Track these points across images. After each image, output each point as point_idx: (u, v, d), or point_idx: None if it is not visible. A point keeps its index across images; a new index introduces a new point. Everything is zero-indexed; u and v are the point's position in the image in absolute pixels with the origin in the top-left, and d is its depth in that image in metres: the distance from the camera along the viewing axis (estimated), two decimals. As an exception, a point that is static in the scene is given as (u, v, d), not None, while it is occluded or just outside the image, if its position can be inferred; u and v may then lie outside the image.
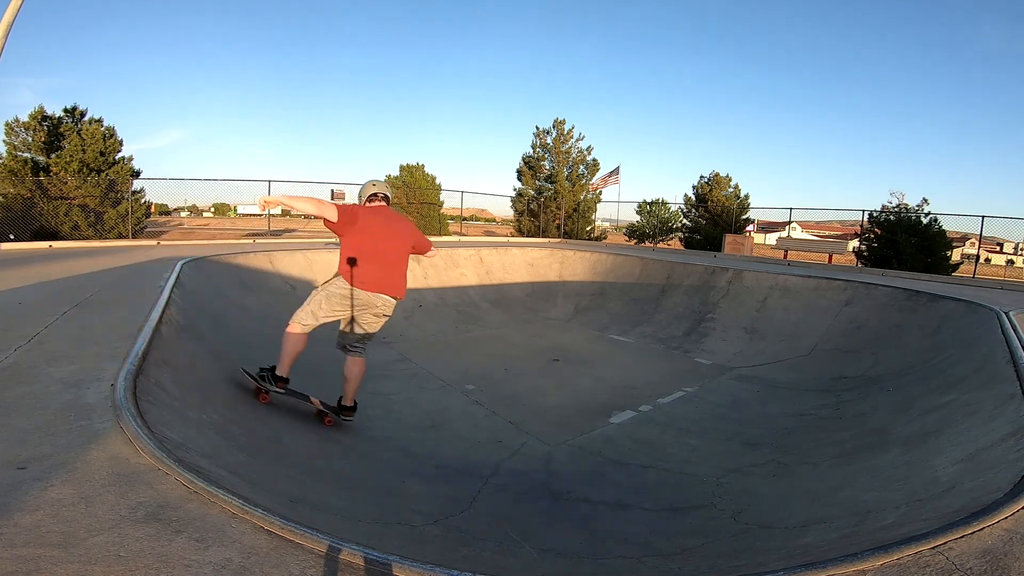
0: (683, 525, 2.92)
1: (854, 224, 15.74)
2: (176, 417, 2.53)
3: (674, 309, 8.86)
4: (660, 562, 2.48)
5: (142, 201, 14.33)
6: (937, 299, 6.32)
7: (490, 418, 4.60)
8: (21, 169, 12.75)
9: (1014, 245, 35.68)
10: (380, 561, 1.50)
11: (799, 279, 8.13)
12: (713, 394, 5.49)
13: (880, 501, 2.48)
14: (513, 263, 11.33)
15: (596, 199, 20.68)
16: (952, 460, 2.65)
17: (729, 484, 3.42)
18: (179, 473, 1.79)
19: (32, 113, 13.37)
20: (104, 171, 13.44)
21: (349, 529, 2.22)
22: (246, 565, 1.38)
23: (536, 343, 7.51)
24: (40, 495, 1.61)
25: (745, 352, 7.00)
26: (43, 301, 4.21)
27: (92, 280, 5.33)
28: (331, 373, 4.08)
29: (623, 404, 5.05)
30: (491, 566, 2.29)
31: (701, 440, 4.27)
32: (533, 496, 3.29)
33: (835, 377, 5.59)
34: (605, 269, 10.91)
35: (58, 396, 2.36)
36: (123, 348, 2.99)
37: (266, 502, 1.82)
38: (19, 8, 5.89)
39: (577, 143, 20.49)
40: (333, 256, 8.99)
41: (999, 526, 1.71)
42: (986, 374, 3.75)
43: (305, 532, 1.56)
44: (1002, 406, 3.04)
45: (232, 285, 6.89)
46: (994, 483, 2.11)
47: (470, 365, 6.21)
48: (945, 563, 1.54)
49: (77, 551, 1.36)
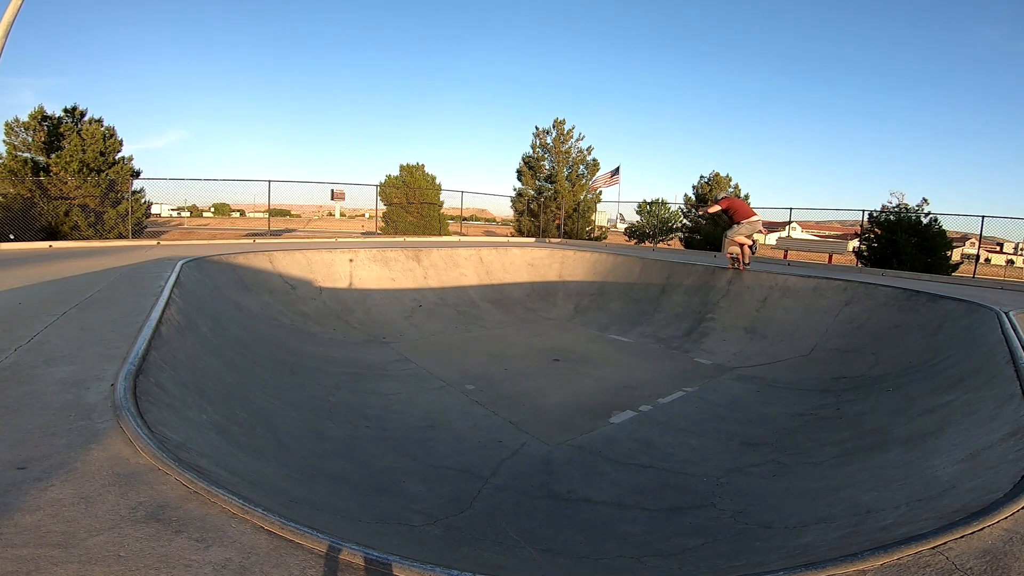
0: (683, 525, 2.92)
1: (854, 224, 15.73)
2: (176, 417, 2.53)
3: (674, 309, 8.86)
4: (660, 562, 2.48)
5: (142, 201, 14.33)
6: (937, 299, 6.32)
7: (490, 418, 4.60)
8: (21, 169, 12.75)
9: (1014, 245, 35.67)
10: (380, 561, 1.50)
11: (799, 279, 8.13)
12: (713, 394, 5.49)
13: (880, 501, 2.49)
14: (513, 263, 11.33)
15: (596, 199, 20.68)
16: (952, 460, 2.65)
17: (729, 484, 3.42)
18: (179, 473, 1.79)
19: (32, 113, 13.38)
20: (104, 171, 13.44)
21: (349, 529, 2.22)
22: (246, 565, 1.38)
23: (536, 343, 7.51)
24: (40, 495, 1.61)
25: (745, 352, 7.00)
26: (43, 301, 4.21)
27: (92, 280, 5.33)
28: (333, 373, 4.04)
29: (623, 404, 5.05)
30: (491, 566, 2.29)
31: (701, 440, 4.27)
32: (533, 496, 3.29)
33: (835, 377, 5.58)
34: (605, 269, 10.91)
35: (58, 396, 2.36)
36: (123, 348, 3.00)
37: (266, 502, 1.82)
38: (19, 8, 5.89)
39: (577, 143, 20.50)
40: (333, 256, 9.03)
41: (999, 526, 1.71)
42: (986, 374, 3.75)
43: (305, 532, 1.56)
44: (1002, 406, 3.04)
45: (232, 285, 6.90)
46: (994, 483, 2.11)
47: (470, 365, 6.21)
48: (945, 563, 1.54)
49: (77, 551, 1.36)
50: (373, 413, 4.43)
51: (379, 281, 9.10)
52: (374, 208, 17.59)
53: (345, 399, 4.61)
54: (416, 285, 9.45)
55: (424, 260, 10.10)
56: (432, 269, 10.03)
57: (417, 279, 9.62)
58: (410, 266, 9.78)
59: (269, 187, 13.62)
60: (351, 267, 9.06)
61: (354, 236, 17.21)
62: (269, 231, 15.43)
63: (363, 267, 9.20)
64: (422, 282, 9.61)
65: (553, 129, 20.46)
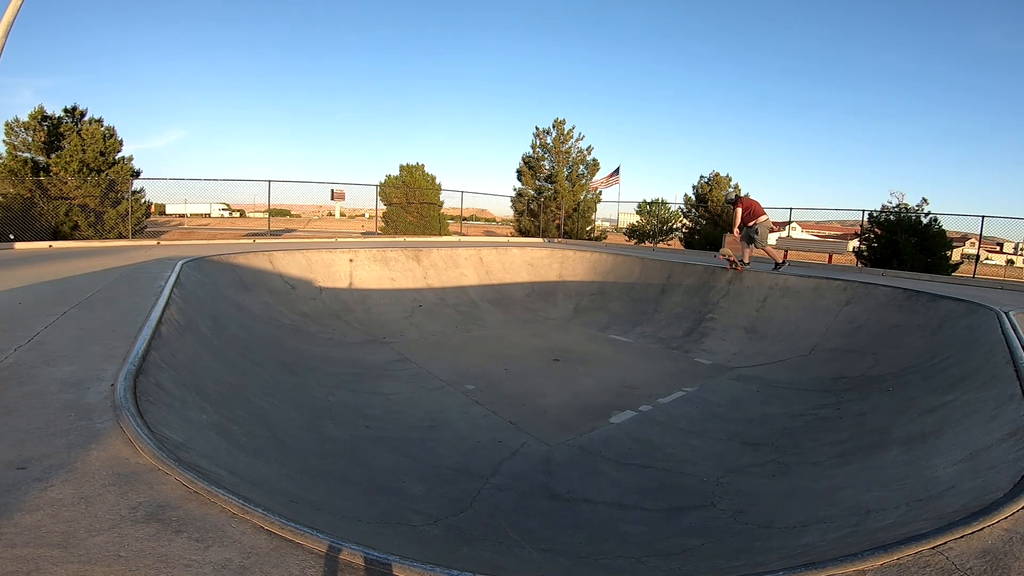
0: (683, 525, 2.92)
1: (854, 224, 15.73)
2: (176, 417, 2.53)
3: (674, 309, 8.86)
4: (660, 562, 2.48)
5: (142, 201, 14.32)
6: (937, 299, 6.32)
7: (490, 418, 4.60)
8: (21, 169, 12.74)
9: (1014, 245, 35.66)
10: (380, 561, 1.50)
11: (799, 279, 8.13)
12: (713, 394, 5.49)
13: (880, 501, 2.49)
14: (513, 263, 11.33)
15: (596, 199, 20.68)
16: (952, 460, 2.65)
17: (729, 484, 3.42)
18: (179, 473, 1.79)
19: (32, 113, 13.35)
20: (104, 171, 13.43)
21: (349, 529, 2.22)
22: (246, 565, 1.38)
23: (536, 343, 7.51)
24: (40, 495, 1.61)
25: (745, 352, 7.00)
26: (43, 301, 4.21)
27: (92, 280, 5.33)
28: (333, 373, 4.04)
29: (623, 404, 5.05)
30: (491, 566, 2.29)
31: (701, 440, 4.27)
32: (533, 496, 3.29)
33: (835, 377, 5.58)
34: (605, 269, 10.91)
35: (58, 396, 2.36)
36: (123, 348, 3.00)
37: (266, 502, 1.82)
38: (19, 8, 5.89)
39: (577, 143, 20.48)
40: (333, 256, 9.03)
41: (999, 526, 1.71)
42: (986, 374, 3.75)
43: (305, 532, 1.56)
44: (1002, 406, 3.04)
45: (232, 285, 6.89)
46: (994, 483, 2.11)
47: (470, 365, 6.21)
48: (945, 563, 1.54)
49: (77, 551, 1.36)
50: (373, 413, 4.43)
51: (379, 281, 9.10)
52: (374, 208, 17.58)
53: (345, 399, 4.61)
54: (416, 285, 9.45)
55: (424, 260, 10.10)
56: (432, 269, 10.03)
57: (417, 279, 9.62)
58: (410, 266, 9.79)
59: (269, 187, 13.62)
60: (351, 267, 9.06)
61: (354, 236, 17.20)
62: (269, 231, 15.43)
63: (363, 267, 9.20)
64: (422, 282, 9.61)
65: (553, 129, 20.45)
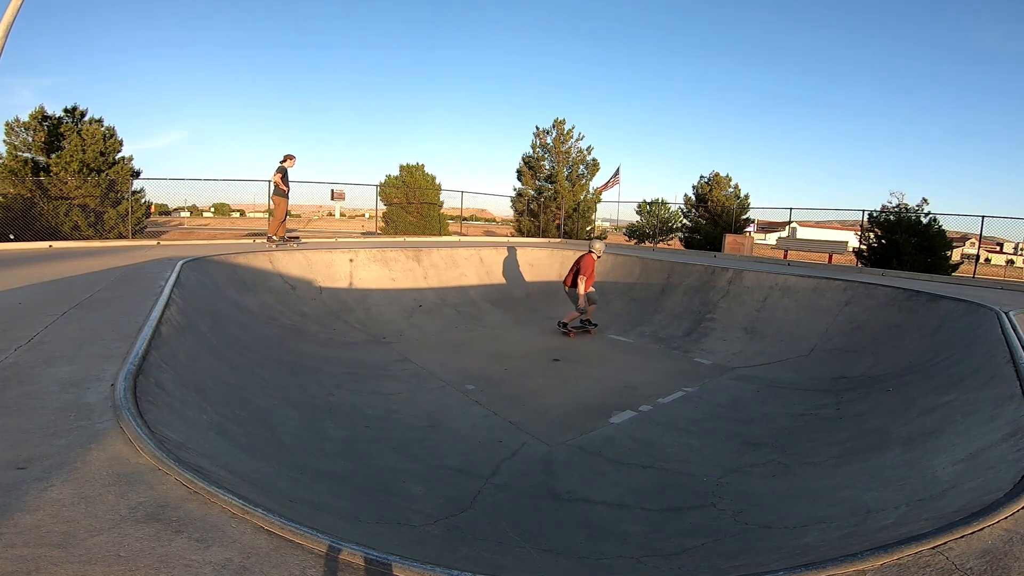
0: (683, 525, 2.92)
1: (854, 224, 15.74)
2: (176, 417, 2.53)
3: (674, 309, 8.86)
4: (660, 562, 2.48)
5: (142, 201, 14.32)
6: (937, 299, 6.32)
7: (490, 418, 4.60)
8: (21, 169, 12.74)
9: (1014, 245, 35.68)
10: (380, 561, 1.50)
11: (799, 279, 8.13)
12: (713, 394, 5.48)
13: (880, 501, 2.48)
14: (513, 263, 11.33)
15: (596, 199, 20.68)
16: (952, 460, 2.65)
17: (729, 484, 3.42)
18: (179, 473, 1.79)
19: (32, 113, 13.35)
20: (104, 171, 13.43)
21: (349, 529, 2.22)
22: (246, 565, 1.38)
23: (536, 343, 7.51)
24: (40, 495, 1.61)
25: (745, 352, 7.00)
26: (43, 301, 4.21)
27: (92, 280, 5.32)
28: (333, 373, 4.04)
29: (623, 404, 5.05)
30: (491, 566, 2.29)
31: (701, 440, 4.27)
32: (533, 496, 3.29)
33: (835, 377, 5.58)
34: (605, 269, 10.90)
35: (58, 396, 2.36)
36: (123, 348, 3.00)
37: (266, 502, 1.82)
38: (19, 8, 5.89)
39: (577, 143, 20.48)
40: (333, 256, 9.03)
41: (999, 526, 1.71)
42: (986, 374, 3.75)
43: (305, 532, 1.56)
44: (1002, 406, 3.04)
45: (232, 285, 6.89)
46: (994, 483, 2.11)
47: (470, 365, 6.21)
48: (945, 563, 1.54)
49: (77, 551, 1.36)
50: (373, 413, 4.43)
51: (379, 281, 9.10)
52: (374, 208, 17.58)
53: (345, 399, 4.61)
54: (416, 285, 9.45)
55: (424, 260, 10.10)
56: (432, 269, 10.03)
57: (417, 279, 9.62)
58: (410, 266, 9.78)
59: (269, 187, 13.61)
60: (351, 267, 9.06)
61: (354, 236, 17.20)
62: (269, 231, 15.40)
63: (363, 267, 9.19)
64: (422, 282, 9.60)
65: (553, 129, 20.45)
